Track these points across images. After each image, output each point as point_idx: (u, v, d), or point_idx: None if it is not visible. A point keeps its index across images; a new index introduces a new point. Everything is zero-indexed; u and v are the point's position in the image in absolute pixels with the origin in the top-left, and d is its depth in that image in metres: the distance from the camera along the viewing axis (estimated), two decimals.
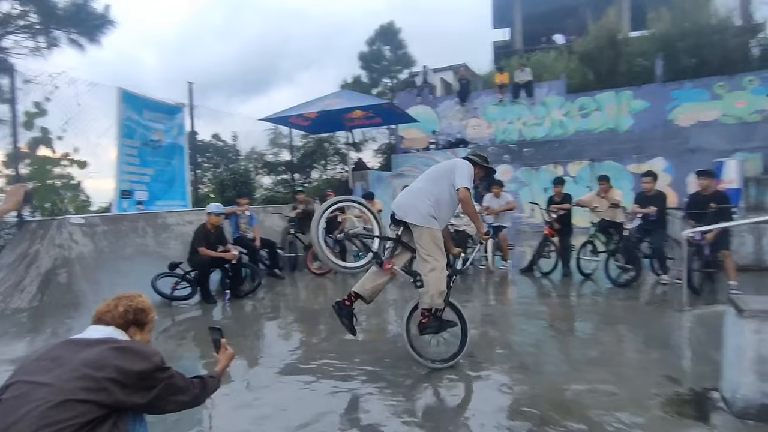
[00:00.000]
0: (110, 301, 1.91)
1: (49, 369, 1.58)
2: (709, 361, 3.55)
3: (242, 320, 5.78)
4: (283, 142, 16.72)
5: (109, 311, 1.85)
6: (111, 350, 1.66)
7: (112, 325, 1.82)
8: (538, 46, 19.99)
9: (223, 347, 2.26)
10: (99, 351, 1.64)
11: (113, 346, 1.68)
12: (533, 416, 2.84)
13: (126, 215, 7.19)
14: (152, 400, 1.69)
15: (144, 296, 2.00)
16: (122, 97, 7.48)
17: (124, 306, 1.87)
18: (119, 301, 1.89)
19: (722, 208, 5.73)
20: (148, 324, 1.95)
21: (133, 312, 1.88)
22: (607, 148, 14.57)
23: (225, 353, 2.26)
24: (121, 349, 1.68)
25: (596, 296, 6.28)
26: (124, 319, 1.85)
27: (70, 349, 1.67)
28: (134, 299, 1.93)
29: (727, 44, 14.44)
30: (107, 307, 1.87)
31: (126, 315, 1.86)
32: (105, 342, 1.70)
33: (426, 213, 3.67)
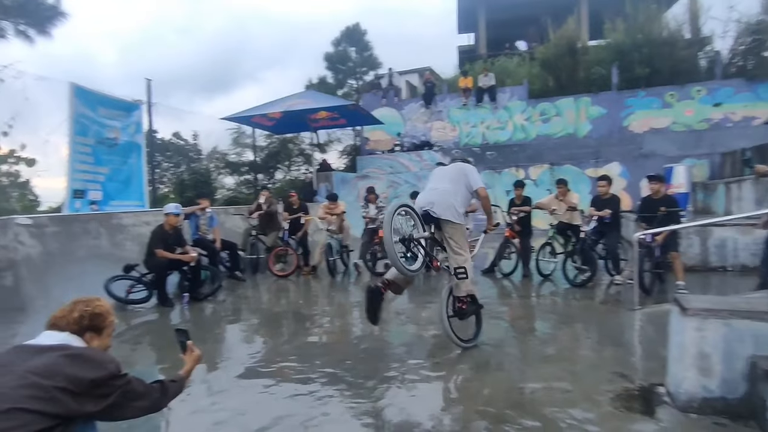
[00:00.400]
0: (66, 305, 1.84)
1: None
2: (657, 358, 3.70)
3: (201, 324, 5.64)
4: (246, 142, 16.48)
5: (64, 316, 1.79)
6: (62, 357, 1.61)
7: (66, 330, 1.76)
8: (502, 52, 20.42)
9: (189, 349, 2.21)
10: (50, 358, 1.59)
11: (65, 353, 1.64)
12: (490, 415, 2.89)
13: (78, 216, 6.90)
14: (108, 408, 1.64)
15: (102, 300, 1.94)
16: (75, 93, 7.19)
17: (79, 311, 1.81)
18: (75, 306, 1.83)
19: (671, 211, 6.00)
20: (107, 329, 1.89)
21: (88, 317, 1.82)
22: (566, 152, 15.03)
23: (191, 355, 2.21)
24: (73, 356, 1.64)
25: (554, 296, 6.46)
26: (78, 325, 1.79)
27: (20, 355, 1.63)
28: (91, 303, 1.86)
29: (677, 56, 15.16)
30: (62, 312, 1.81)
31: (81, 320, 1.80)
32: (57, 349, 1.65)
33: (460, 211, 4.09)
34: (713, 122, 14.48)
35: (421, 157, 16.36)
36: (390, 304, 6.22)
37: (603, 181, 6.91)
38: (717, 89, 14.51)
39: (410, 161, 16.33)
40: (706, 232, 7.62)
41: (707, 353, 2.77)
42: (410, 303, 6.32)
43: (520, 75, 17.41)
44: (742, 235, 7.40)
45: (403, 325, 5.23)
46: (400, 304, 6.21)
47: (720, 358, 2.76)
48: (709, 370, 2.77)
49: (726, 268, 7.51)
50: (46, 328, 1.78)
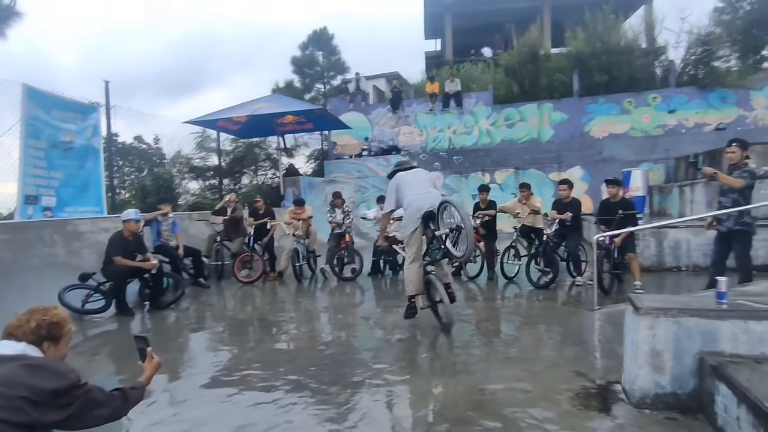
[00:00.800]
0: (21, 315, 1.82)
1: None
2: (614, 356, 3.83)
3: (163, 332, 5.49)
4: (211, 146, 16.17)
5: (21, 326, 1.78)
6: (22, 368, 1.62)
7: (23, 341, 1.75)
8: (467, 58, 20.76)
9: (149, 356, 2.21)
10: (9, 368, 1.61)
11: (25, 363, 1.65)
12: (451, 417, 2.92)
13: (31, 223, 6.61)
14: (69, 417, 1.65)
15: (59, 308, 1.93)
16: (27, 94, 6.89)
17: (36, 321, 1.80)
18: (31, 315, 1.81)
19: (628, 214, 6.22)
20: (64, 338, 1.88)
21: (46, 326, 1.81)
22: (530, 157, 15.40)
23: (151, 362, 2.20)
24: (32, 366, 1.65)
25: (518, 298, 6.58)
26: (36, 335, 1.78)
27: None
28: (48, 312, 1.85)
29: (634, 64, 15.78)
30: (18, 321, 1.79)
31: (38, 330, 1.79)
32: (16, 359, 1.66)
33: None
34: (668, 128, 15.13)
35: (388, 161, 16.40)
36: (356, 309, 6.22)
37: (564, 185, 7.10)
38: (671, 97, 15.19)
39: (378, 166, 16.39)
40: (662, 233, 7.93)
41: (659, 350, 2.88)
42: (377, 308, 6.32)
43: (485, 81, 17.74)
44: (694, 236, 7.74)
45: (369, 329, 5.22)
46: (367, 309, 6.21)
47: (671, 354, 2.87)
48: (661, 367, 2.88)
49: (680, 268, 7.84)
50: (2, 338, 1.77)
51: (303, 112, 12.21)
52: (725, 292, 2.94)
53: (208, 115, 11.16)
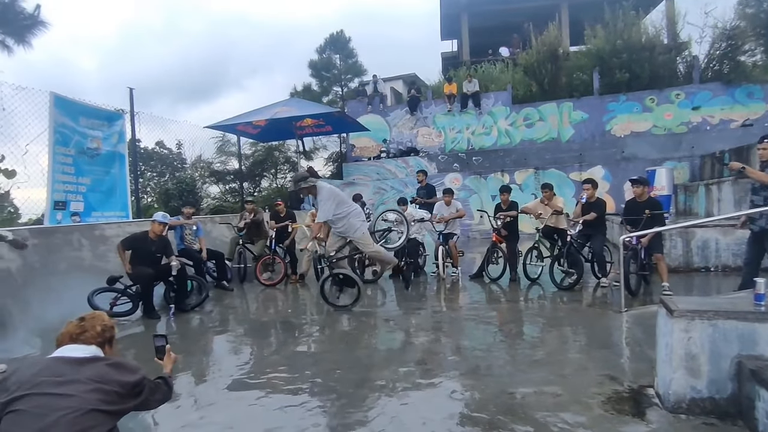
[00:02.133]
0: (78, 322, 2.01)
1: (59, 383, 1.74)
2: (645, 359, 3.75)
3: (188, 335, 5.56)
4: (231, 150, 16.34)
5: (86, 331, 1.97)
6: (107, 366, 1.87)
7: (93, 344, 1.96)
8: (485, 58, 20.64)
9: (167, 353, 2.42)
10: (98, 367, 1.84)
11: (107, 363, 1.89)
12: (482, 421, 2.89)
13: (59, 227, 6.75)
14: (141, 403, 1.95)
15: (106, 315, 2.15)
16: (55, 103, 7.05)
17: (100, 325, 2.02)
18: (95, 322, 2.02)
19: (655, 213, 6.08)
20: (115, 339, 2.12)
21: (108, 330, 2.05)
22: (550, 156, 15.23)
23: (170, 358, 2.43)
24: (114, 364, 1.90)
25: (542, 300, 6.49)
26: (102, 338, 2.00)
27: (66, 366, 1.82)
28: (104, 318, 2.08)
29: (656, 61, 15.48)
30: (81, 328, 1.98)
31: (104, 333, 2.01)
32: (97, 360, 1.90)
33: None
34: (692, 125, 14.80)
35: (407, 163, 16.41)
36: (377, 311, 6.21)
37: (588, 184, 6.98)
38: (695, 93, 14.85)
39: (396, 167, 16.38)
40: (689, 233, 7.75)
41: (695, 354, 2.81)
42: (399, 309, 6.30)
43: (503, 81, 17.61)
44: (723, 235, 7.54)
45: (392, 332, 5.21)
46: (389, 311, 6.20)
47: (707, 358, 2.80)
48: (697, 371, 2.81)
49: (709, 268, 7.64)
50: (67, 343, 1.94)
51: (321, 115, 12.27)
52: (764, 294, 2.85)
53: (229, 119, 11.28)
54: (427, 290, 7.49)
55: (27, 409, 1.67)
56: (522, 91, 17.17)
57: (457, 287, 7.54)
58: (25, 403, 1.68)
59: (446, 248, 8.04)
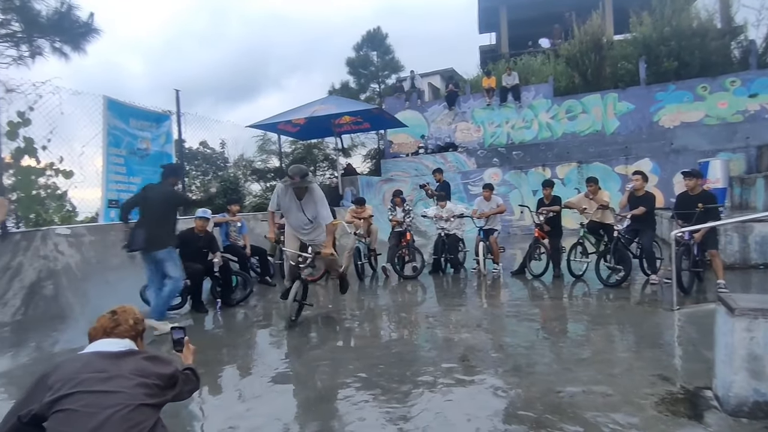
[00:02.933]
0: (110, 315, 2.01)
1: (104, 379, 1.74)
2: (700, 360, 3.58)
3: (234, 329, 5.72)
4: (271, 148, 16.65)
5: (119, 325, 1.98)
6: (145, 360, 1.89)
7: (126, 337, 1.97)
8: (524, 51, 20.18)
9: (186, 345, 2.40)
10: (136, 361, 1.86)
11: (144, 356, 1.92)
12: (529, 419, 2.83)
13: (113, 225, 7.07)
14: (177, 394, 1.96)
15: (136, 308, 2.13)
16: (107, 106, 7.39)
17: (132, 319, 2.03)
18: (127, 315, 2.03)
19: (710, 207, 5.79)
20: (144, 332, 2.13)
21: (140, 323, 2.06)
22: (594, 150, 14.76)
23: (188, 349, 2.41)
24: (151, 358, 1.92)
25: (587, 297, 6.31)
26: (135, 331, 2.02)
27: (106, 361, 1.82)
28: (135, 311, 2.08)
29: (708, 47, 14.71)
30: (113, 321, 1.99)
31: (136, 327, 2.03)
32: (134, 353, 1.92)
33: None
34: (749, 114, 13.99)
35: (445, 158, 16.29)
36: (418, 307, 6.20)
37: (637, 175, 6.71)
38: (752, 80, 14.03)
39: (435, 163, 16.26)
40: (746, 228, 7.33)
41: (758, 355, 2.66)
42: (440, 306, 6.26)
43: (544, 73, 17.17)
44: None
45: (433, 328, 5.18)
46: (430, 308, 6.17)
47: None
48: (760, 373, 2.66)
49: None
50: (101, 337, 1.95)
51: (359, 112, 12.33)
52: None
53: (269, 118, 11.51)
54: (468, 286, 7.41)
55: (77, 408, 1.65)
56: (564, 82, 16.69)
57: (498, 283, 7.43)
58: (74, 402, 1.66)
59: (487, 244, 7.94)
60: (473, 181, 14.93)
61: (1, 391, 3.87)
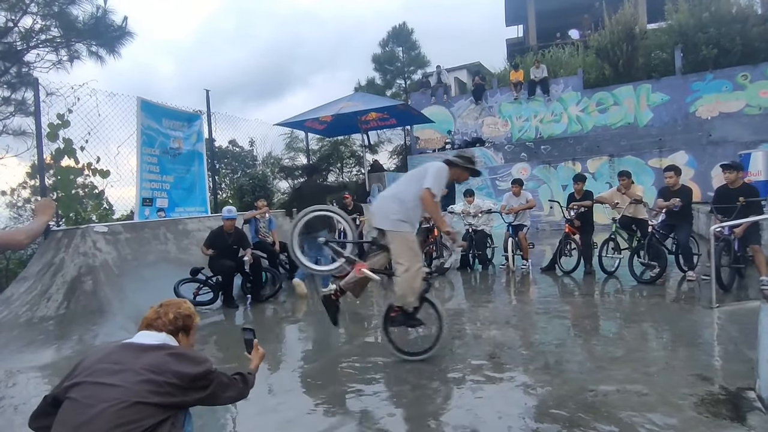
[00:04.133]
0: (157, 308, 2.01)
1: (114, 372, 1.73)
2: (741, 360, 3.45)
3: (264, 324, 5.81)
4: (299, 146, 16.83)
5: (159, 318, 1.96)
6: (168, 356, 1.82)
7: (163, 331, 1.94)
8: (553, 42, 19.77)
9: (255, 347, 2.37)
10: (158, 356, 1.80)
11: (170, 352, 1.85)
12: (562, 418, 2.79)
13: (147, 222, 7.30)
14: (207, 397, 1.88)
15: (188, 303, 2.12)
16: (141, 106, 7.60)
17: (173, 313, 1.99)
18: (168, 309, 2.00)
19: (751, 201, 5.56)
20: (193, 329, 2.09)
21: (182, 318, 2.01)
22: (626, 143, 14.39)
23: (257, 352, 2.37)
24: (177, 355, 1.85)
25: (620, 294, 6.16)
26: (174, 326, 1.98)
27: (129, 353, 1.82)
28: (181, 306, 2.05)
29: (749, 33, 14.09)
30: (156, 314, 1.98)
31: (176, 321, 1.98)
32: (161, 348, 1.86)
33: (394, 218, 3.82)
34: None
35: (473, 154, 16.12)
36: (446, 304, 6.16)
37: (670, 171, 6.50)
38: None
39: None
40: None
41: None
42: (468, 302, 6.22)
43: (573, 65, 16.79)
44: None
45: (461, 325, 5.15)
46: (458, 304, 6.13)
47: None
48: None
49: None
50: (142, 329, 1.96)
51: (385, 108, 12.31)
52: None
53: (296, 116, 11.61)
54: (496, 283, 7.34)
55: (78, 397, 1.68)
56: (594, 74, 16.29)
57: (527, 280, 7.33)
58: (79, 391, 1.70)
59: (516, 240, 7.84)
60: (501, 177, 14.75)
61: (46, 382, 4.04)
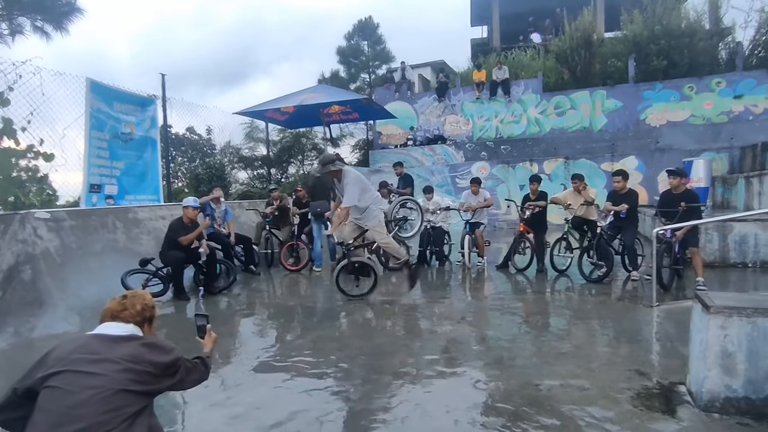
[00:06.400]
0: (122, 300, 2.03)
1: (93, 361, 1.75)
2: (676, 356, 3.65)
3: (216, 317, 5.67)
4: (259, 136, 16.52)
5: (126, 309, 1.98)
6: (142, 346, 1.87)
7: (131, 322, 1.97)
8: (515, 45, 20.18)
9: (208, 332, 2.44)
10: (132, 347, 1.85)
11: (142, 342, 1.90)
12: (507, 412, 2.86)
13: (95, 210, 6.96)
14: (176, 383, 1.96)
15: (150, 295, 2.16)
16: (90, 88, 7.23)
17: (140, 305, 2.02)
18: (135, 300, 2.03)
19: (692, 206, 5.87)
20: (155, 319, 2.13)
21: (148, 310, 2.05)
22: (581, 146, 14.87)
23: (210, 337, 2.45)
24: (148, 345, 1.91)
25: (569, 292, 6.39)
26: (141, 317, 2.01)
27: (102, 344, 1.84)
28: (146, 298, 2.09)
29: (696, 47, 14.85)
30: (122, 306, 1.99)
31: (143, 313, 2.02)
32: (132, 339, 1.90)
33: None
34: (733, 115, 14.18)
35: (434, 151, 16.29)
36: (401, 299, 6.21)
37: (618, 176, 6.78)
38: (738, 81, 14.20)
39: (423, 155, 16.27)
40: (726, 227, 7.46)
41: (731, 352, 2.71)
42: (423, 298, 6.28)
43: (534, 68, 17.21)
44: (763, 230, 7.24)
45: (416, 320, 5.20)
46: (414, 299, 6.19)
47: (744, 357, 2.70)
48: (732, 370, 2.71)
49: (746, 264, 7.36)
50: (107, 320, 1.96)
51: (349, 101, 12.23)
52: None
53: (257, 105, 11.37)
54: (452, 279, 7.45)
55: (60, 385, 1.70)
56: (553, 78, 16.75)
57: (482, 277, 7.49)
58: (60, 379, 1.71)
59: (472, 237, 7.97)
60: (461, 175, 14.96)
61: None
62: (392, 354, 3.99)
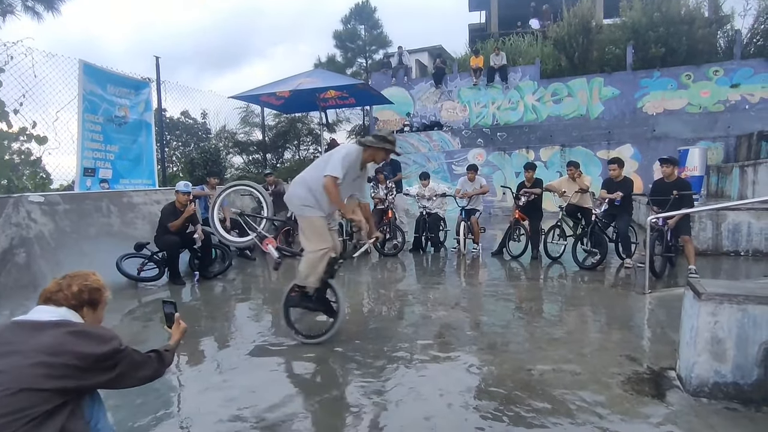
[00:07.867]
0: (60, 280, 1.81)
1: (1, 355, 1.53)
2: (667, 342, 3.70)
3: (212, 301, 5.70)
4: (255, 121, 16.39)
5: (61, 291, 1.76)
6: (68, 334, 1.62)
7: (64, 305, 1.74)
8: (513, 31, 20.01)
9: (176, 322, 2.22)
10: (55, 335, 1.59)
11: (70, 330, 1.64)
12: (499, 395, 2.90)
13: (89, 194, 6.93)
14: (114, 378, 1.69)
15: (98, 274, 1.92)
16: (84, 70, 7.14)
17: (78, 285, 1.79)
18: (72, 281, 1.80)
19: (684, 194, 5.91)
20: (102, 303, 1.89)
21: (88, 292, 1.81)
22: (577, 134, 14.86)
23: (178, 327, 2.22)
24: (78, 332, 1.64)
25: (563, 279, 6.44)
26: (78, 300, 1.78)
27: (22, 332, 1.61)
28: (89, 278, 1.85)
29: (694, 35, 14.76)
30: (58, 286, 1.77)
31: (81, 295, 1.78)
32: (60, 325, 1.65)
33: (299, 203, 3.82)
34: (730, 104, 14.17)
35: (430, 137, 16.23)
36: (397, 285, 6.24)
37: (614, 164, 6.80)
38: (735, 70, 14.17)
39: (419, 142, 16.22)
40: (720, 216, 7.52)
41: (721, 338, 2.75)
42: (419, 284, 6.32)
43: (532, 54, 17.09)
44: (756, 219, 7.30)
45: (411, 306, 5.24)
46: (409, 285, 6.22)
47: (733, 343, 2.74)
48: (721, 355, 2.76)
49: (739, 252, 7.43)
50: (40, 303, 1.75)
51: (345, 87, 12.10)
52: None
53: (253, 90, 11.23)
54: (447, 265, 7.49)
55: None
56: (551, 65, 16.65)
57: (477, 263, 7.53)
58: None
59: (468, 224, 8.00)
60: (457, 161, 14.95)
61: None
62: (387, 339, 4.02)
